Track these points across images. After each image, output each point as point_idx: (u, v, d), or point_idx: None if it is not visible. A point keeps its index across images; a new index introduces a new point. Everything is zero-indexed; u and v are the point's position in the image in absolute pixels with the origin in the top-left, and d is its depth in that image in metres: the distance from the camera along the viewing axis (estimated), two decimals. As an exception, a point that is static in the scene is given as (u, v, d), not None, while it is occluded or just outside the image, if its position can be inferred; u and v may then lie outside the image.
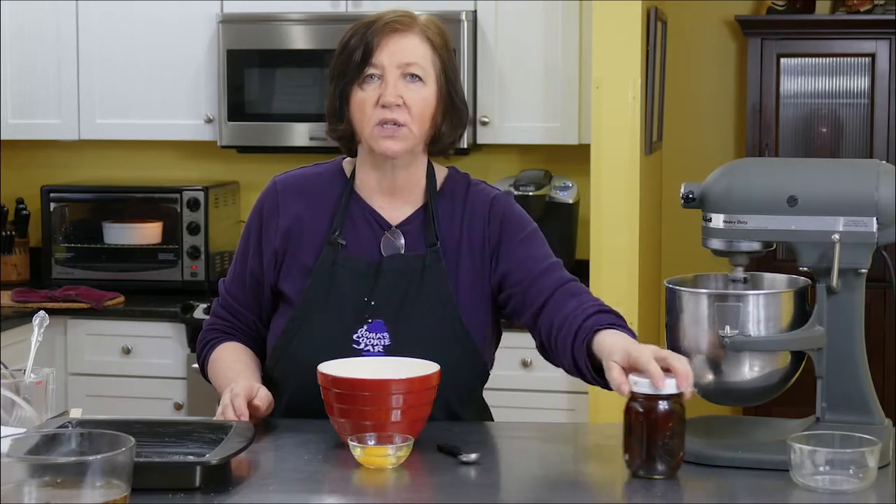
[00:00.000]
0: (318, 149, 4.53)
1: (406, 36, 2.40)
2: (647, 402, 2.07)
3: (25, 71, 4.79)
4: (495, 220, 2.47)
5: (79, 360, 4.50)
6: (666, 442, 2.05)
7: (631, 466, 2.09)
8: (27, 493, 1.68)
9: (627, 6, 4.13)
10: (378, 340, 2.42)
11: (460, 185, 2.52)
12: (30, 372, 2.24)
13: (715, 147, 5.14)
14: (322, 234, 2.46)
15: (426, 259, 2.44)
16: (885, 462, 2.10)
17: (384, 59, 2.38)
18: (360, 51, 2.39)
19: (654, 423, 2.05)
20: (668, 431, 2.05)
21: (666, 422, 2.05)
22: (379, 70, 2.39)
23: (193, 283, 4.65)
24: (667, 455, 2.06)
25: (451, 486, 2.06)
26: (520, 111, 4.49)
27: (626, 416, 2.10)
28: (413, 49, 2.40)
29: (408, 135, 2.40)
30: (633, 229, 4.16)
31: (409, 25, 2.41)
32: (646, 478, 2.07)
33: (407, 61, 2.39)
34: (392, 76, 2.38)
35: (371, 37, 2.39)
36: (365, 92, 2.40)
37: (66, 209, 4.75)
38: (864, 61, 4.82)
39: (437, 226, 2.46)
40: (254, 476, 2.09)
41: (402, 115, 2.38)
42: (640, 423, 2.07)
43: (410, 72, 2.39)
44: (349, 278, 2.43)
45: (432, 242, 2.45)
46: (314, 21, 4.56)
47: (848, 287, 2.18)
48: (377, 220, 2.47)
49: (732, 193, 2.20)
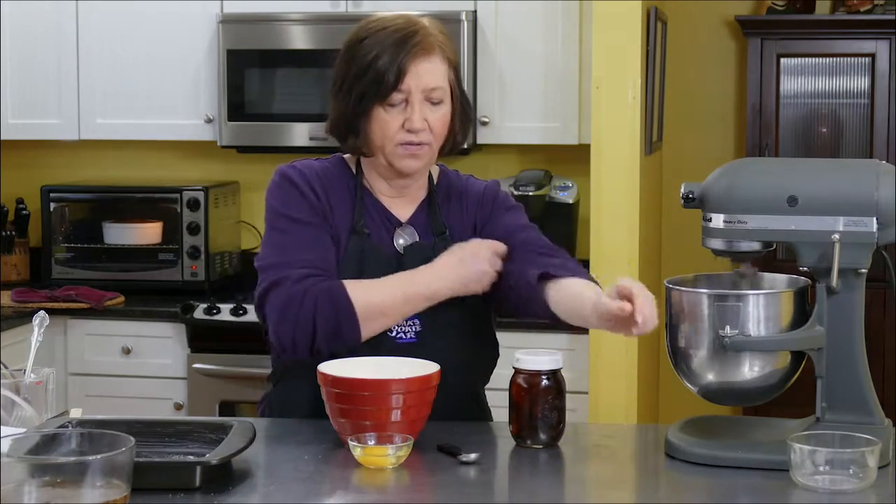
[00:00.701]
0: (318, 149, 4.52)
1: (429, 59, 2.43)
2: (529, 378, 2.25)
3: (25, 71, 4.79)
4: (487, 203, 2.57)
5: (79, 360, 4.50)
6: (546, 414, 2.24)
7: (516, 437, 2.27)
8: (27, 493, 1.69)
9: (627, 6, 4.13)
10: (409, 327, 2.45)
11: (453, 179, 2.60)
12: (30, 372, 2.24)
13: (715, 147, 5.14)
14: (347, 223, 2.48)
15: (437, 248, 2.49)
16: (885, 462, 2.10)
17: (411, 85, 2.41)
18: (391, 73, 2.40)
19: (535, 396, 2.24)
20: (549, 404, 2.24)
21: (546, 395, 2.24)
22: (405, 95, 2.42)
23: (193, 283, 4.65)
24: (548, 426, 2.24)
25: (451, 486, 2.06)
26: (520, 111, 4.49)
27: (511, 390, 2.27)
28: (436, 73, 2.44)
29: (428, 152, 2.46)
30: (633, 229, 4.16)
31: (430, 47, 2.43)
32: (530, 447, 2.24)
33: (432, 87, 2.43)
34: (417, 100, 2.42)
35: (402, 62, 2.40)
36: (389, 114, 2.42)
37: (66, 209, 4.75)
38: (864, 61, 4.82)
39: (441, 216, 2.53)
40: (254, 476, 2.09)
41: (426, 136, 2.44)
42: (524, 396, 2.25)
43: (433, 98, 2.44)
44: (378, 267, 2.46)
45: (441, 231, 2.52)
46: (314, 21, 4.56)
47: (848, 287, 2.18)
48: (388, 217, 2.52)
49: (732, 193, 2.20)
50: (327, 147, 4.53)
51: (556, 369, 2.26)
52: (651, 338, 4.47)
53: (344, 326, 2.35)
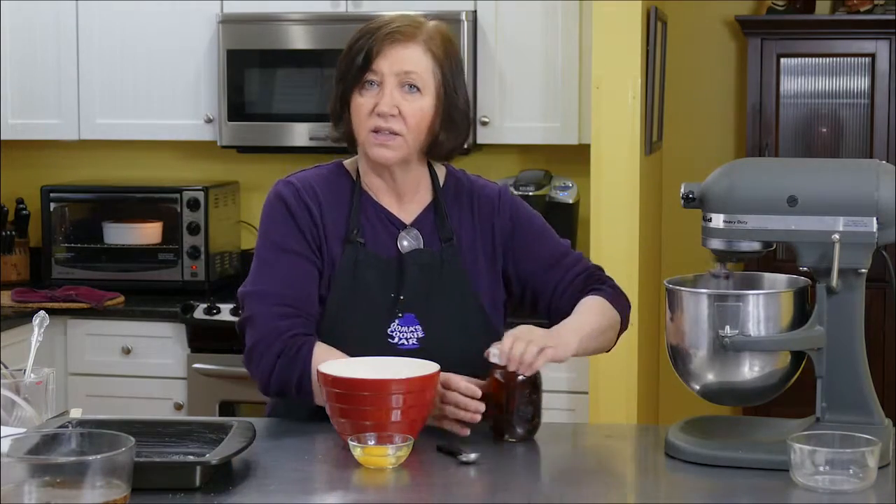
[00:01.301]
0: (318, 149, 4.53)
1: (408, 46, 2.41)
2: (506, 373, 2.28)
3: (25, 70, 4.79)
4: (505, 213, 2.54)
5: (79, 360, 4.50)
6: (522, 409, 2.28)
7: (493, 430, 2.30)
8: (27, 493, 1.69)
9: (627, 6, 4.13)
10: (412, 333, 2.45)
11: (461, 180, 2.57)
12: (30, 372, 2.24)
13: (715, 147, 5.13)
14: (340, 234, 2.47)
15: (443, 254, 2.48)
16: (885, 462, 2.10)
17: (384, 67, 2.39)
18: (361, 56, 2.40)
19: (512, 391, 2.28)
20: (525, 399, 2.28)
21: (523, 389, 2.28)
22: (378, 77, 2.40)
23: (193, 283, 4.65)
24: (524, 420, 2.29)
25: (451, 486, 2.06)
26: (520, 111, 4.49)
27: (488, 386, 2.30)
28: (413, 59, 2.41)
29: (402, 144, 2.42)
30: (633, 229, 4.16)
31: (411, 35, 2.41)
32: (507, 441, 2.28)
33: (406, 69, 2.40)
34: (390, 84, 2.40)
35: (373, 43, 2.39)
36: (363, 98, 2.41)
37: (66, 209, 4.75)
38: (864, 61, 4.82)
39: (448, 221, 2.50)
40: (254, 476, 2.09)
41: (396, 124, 2.40)
42: (500, 391, 2.29)
43: (409, 81, 2.40)
44: (374, 275, 2.45)
45: (447, 237, 2.50)
46: (314, 21, 4.56)
47: (848, 287, 2.18)
48: (390, 219, 2.50)
49: (732, 193, 2.20)
50: (327, 147, 4.52)
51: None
52: (651, 338, 4.48)
53: (297, 391, 2.37)
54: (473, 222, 2.52)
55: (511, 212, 2.55)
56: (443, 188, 2.54)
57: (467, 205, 2.53)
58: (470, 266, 2.50)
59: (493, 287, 2.53)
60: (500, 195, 2.56)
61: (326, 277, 2.46)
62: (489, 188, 2.57)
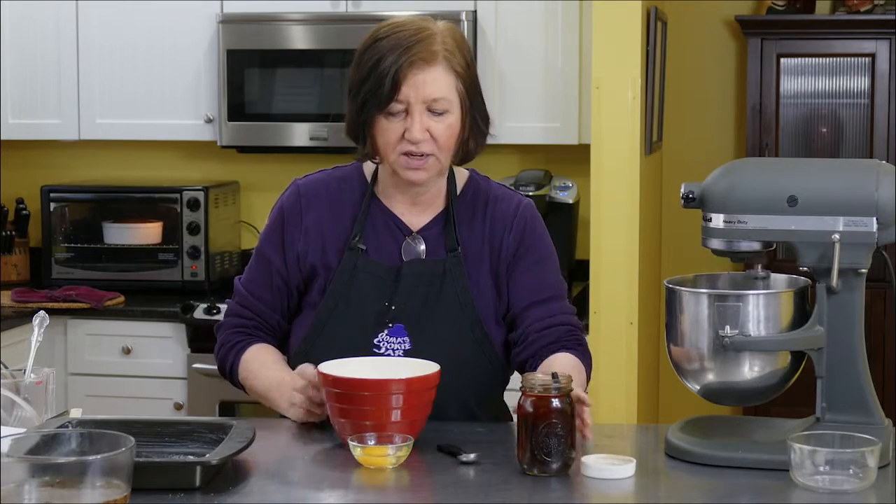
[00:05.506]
0: (318, 149, 4.53)
1: (432, 69, 2.36)
2: (537, 401, 2.08)
3: (25, 71, 4.79)
4: (517, 230, 2.50)
5: (79, 360, 4.50)
6: (557, 439, 2.07)
7: (524, 463, 2.10)
8: (27, 493, 1.68)
9: (627, 6, 4.13)
10: (399, 345, 2.43)
11: (481, 188, 2.54)
12: (30, 372, 2.24)
13: (715, 147, 5.13)
14: (343, 239, 2.46)
15: (446, 264, 2.45)
16: (885, 462, 2.10)
17: (410, 96, 2.35)
18: (385, 83, 2.34)
19: (545, 420, 2.07)
20: (559, 429, 2.07)
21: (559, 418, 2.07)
22: (404, 105, 2.36)
23: (193, 283, 4.65)
24: (557, 453, 2.08)
25: (451, 486, 2.06)
26: (520, 111, 4.49)
27: (519, 413, 2.11)
28: (439, 83, 2.37)
29: (434, 163, 2.41)
30: (633, 229, 4.16)
31: (433, 56, 2.36)
32: (539, 475, 2.09)
33: (434, 97, 2.37)
34: (418, 111, 2.36)
35: (398, 71, 2.34)
36: (389, 123, 2.37)
37: (66, 209, 4.75)
38: (864, 61, 4.82)
39: (457, 231, 2.48)
40: (254, 476, 2.09)
41: (428, 146, 2.38)
42: (531, 421, 2.08)
43: (436, 108, 2.38)
44: (370, 283, 2.44)
45: (453, 248, 2.47)
46: (314, 21, 4.56)
47: (848, 287, 2.18)
48: (398, 226, 2.48)
49: (732, 193, 2.20)
50: (327, 147, 4.55)
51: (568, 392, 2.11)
52: (651, 338, 4.48)
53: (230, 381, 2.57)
54: (484, 233, 2.49)
55: (522, 232, 2.49)
56: (460, 195, 2.51)
57: (481, 215, 2.50)
58: (473, 277, 2.47)
59: (494, 300, 2.48)
60: (516, 211, 2.50)
61: (321, 283, 2.46)
62: (508, 201, 2.52)
